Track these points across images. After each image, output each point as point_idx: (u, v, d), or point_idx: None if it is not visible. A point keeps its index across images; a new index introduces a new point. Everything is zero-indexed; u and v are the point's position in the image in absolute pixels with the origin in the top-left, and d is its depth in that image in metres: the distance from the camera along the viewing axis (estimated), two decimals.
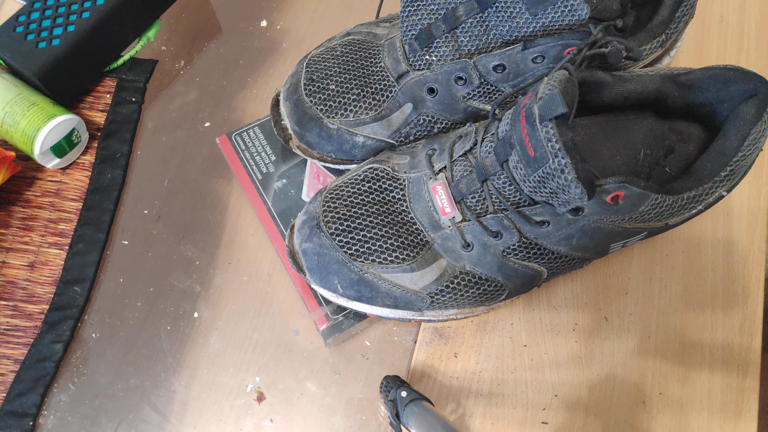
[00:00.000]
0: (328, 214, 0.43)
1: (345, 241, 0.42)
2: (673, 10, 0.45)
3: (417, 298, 0.41)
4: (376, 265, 0.41)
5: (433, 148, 0.43)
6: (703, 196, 0.39)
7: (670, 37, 0.46)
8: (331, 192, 0.44)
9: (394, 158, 0.45)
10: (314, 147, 0.48)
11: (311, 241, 0.42)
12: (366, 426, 0.44)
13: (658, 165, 0.43)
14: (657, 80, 0.41)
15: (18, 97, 0.48)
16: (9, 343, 0.45)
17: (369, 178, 0.44)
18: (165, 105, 0.55)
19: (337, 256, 0.42)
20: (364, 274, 0.41)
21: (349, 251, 0.41)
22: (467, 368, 0.45)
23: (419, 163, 0.43)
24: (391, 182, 0.43)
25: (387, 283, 0.41)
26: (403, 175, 0.43)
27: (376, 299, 0.42)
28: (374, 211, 0.42)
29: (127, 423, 0.44)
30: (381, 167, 0.44)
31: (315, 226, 0.43)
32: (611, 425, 0.43)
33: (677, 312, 0.47)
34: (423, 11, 0.43)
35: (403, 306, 0.42)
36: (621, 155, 0.42)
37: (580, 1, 0.40)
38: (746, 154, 0.38)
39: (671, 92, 0.41)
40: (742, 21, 0.58)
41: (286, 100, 0.48)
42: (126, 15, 0.52)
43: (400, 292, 0.41)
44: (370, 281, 0.41)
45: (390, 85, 0.45)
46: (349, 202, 0.43)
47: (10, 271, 0.48)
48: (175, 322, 0.47)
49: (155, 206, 0.51)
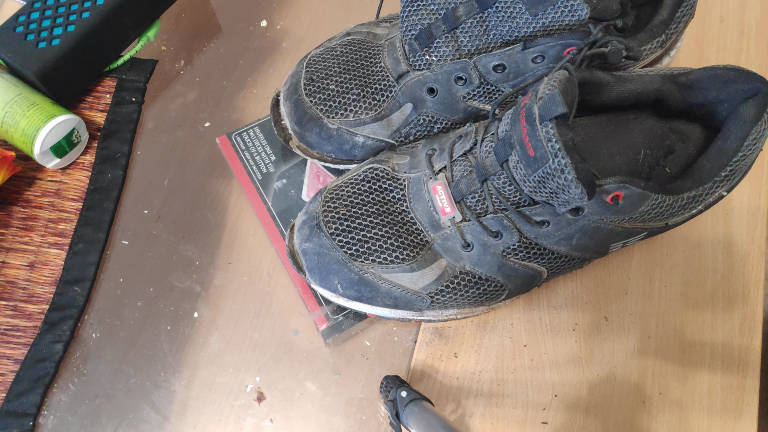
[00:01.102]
0: (328, 214, 0.43)
1: (345, 241, 0.42)
2: (673, 11, 0.45)
3: (417, 298, 0.41)
4: (376, 265, 0.41)
5: (433, 148, 0.43)
6: (703, 196, 0.39)
7: (670, 38, 0.46)
8: (331, 192, 0.44)
9: (394, 158, 0.44)
10: (314, 147, 0.48)
11: (311, 241, 0.42)
12: (366, 426, 0.44)
13: (658, 165, 0.43)
14: (657, 80, 0.41)
15: (18, 97, 0.48)
16: (9, 343, 0.45)
17: (369, 178, 0.44)
18: (165, 105, 0.55)
19: (337, 256, 0.42)
20: (364, 274, 0.41)
21: (349, 251, 0.41)
22: (467, 368, 0.45)
23: (419, 163, 0.43)
24: (391, 182, 0.43)
25: (387, 283, 0.41)
26: (403, 175, 0.43)
27: (376, 299, 0.42)
28: (374, 211, 0.42)
29: (127, 423, 0.44)
30: (381, 167, 0.44)
31: (315, 226, 0.43)
32: (611, 425, 0.43)
33: (677, 312, 0.47)
34: (423, 11, 0.43)
35: (403, 306, 0.42)
36: (621, 155, 0.42)
37: (580, 1, 0.40)
38: (746, 154, 0.38)
39: (671, 92, 0.41)
40: (742, 21, 0.58)
41: (286, 100, 0.48)
42: (126, 15, 0.52)
43: (400, 292, 0.41)
44: (370, 281, 0.41)
45: (390, 85, 0.45)
46: (349, 202, 0.43)
47: (10, 271, 0.48)
48: (175, 322, 0.47)
49: (155, 206, 0.51)
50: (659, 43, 0.46)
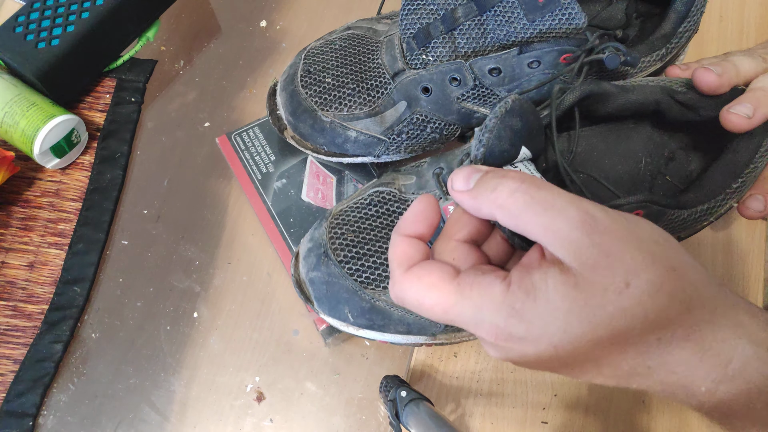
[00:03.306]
0: (336, 240, 0.41)
1: (355, 268, 0.40)
2: (677, 25, 0.45)
3: (430, 323, 0.40)
4: (388, 292, 0.40)
5: (441, 167, 0.42)
6: (715, 208, 0.39)
7: (670, 52, 0.46)
8: (337, 218, 0.42)
9: (399, 179, 0.43)
10: (307, 138, 0.47)
11: (319, 269, 0.41)
12: (366, 426, 0.44)
13: (659, 173, 0.42)
14: (657, 91, 0.40)
15: (18, 97, 0.48)
16: (9, 343, 0.45)
17: (375, 201, 0.42)
18: (165, 105, 0.55)
19: (347, 285, 0.40)
20: (376, 302, 0.40)
21: (359, 279, 0.40)
22: (467, 368, 0.45)
23: (427, 183, 0.42)
24: (398, 204, 0.42)
25: (400, 309, 0.40)
26: (411, 197, 0.42)
27: (389, 326, 0.40)
28: (384, 236, 0.41)
29: (126, 423, 0.44)
30: (387, 190, 0.42)
31: (322, 254, 0.41)
32: (611, 424, 0.43)
33: None
34: (422, 10, 0.43)
35: (417, 332, 0.40)
36: (622, 164, 0.42)
37: (578, 9, 0.39)
38: (758, 165, 0.38)
39: (670, 105, 0.40)
40: (742, 20, 0.58)
41: (282, 90, 0.48)
42: (126, 15, 0.52)
43: (413, 318, 0.40)
44: (382, 309, 0.40)
45: (386, 82, 0.45)
46: (356, 228, 0.41)
47: (9, 271, 0.48)
48: (174, 322, 0.47)
49: (155, 206, 0.51)
50: (659, 56, 0.45)
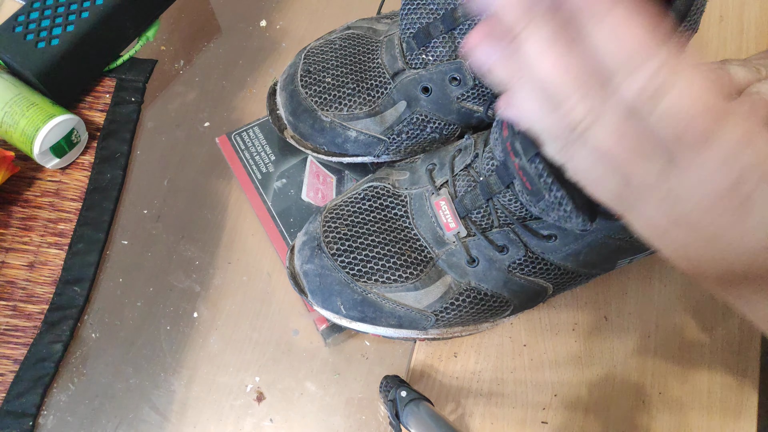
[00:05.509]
0: (329, 234, 0.42)
1: (347, 261, 0.41)
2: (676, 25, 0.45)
3: (421, 317, 0.40)
4: (380, 284, 0.40)
5: (433, 163, 0.42)
6: None
7: None
8: (331, 212, 0.43)
9: (393, 174, 0.44)
10: (307, 138, 0.47)
11: (312, 262, 0.41)
12: (366, 426, 0.44)
13: None
14: None
15: (17, 97, 0.48)
16: (8, 343, 0.45)
17: (369, 196, 0.43)
18: (165, 105, 0.55)
19: (339, 277, 0.41)
20: (368, 294, 0.40)
21: (351, 272, 0.40)
22: (467, 368, 0.45)
23: (420, 178, 0.42)
24: (392, 199, 0.42)
25: (391, 302, 0.40)
26: (404, 192, 0.42)
27: (380, 319, 0.41)
28: (376, 230, 0.41)
29: (126, 423, 0.44)
30: (381, 185, 0.43)
31: (316, 247, 0.42)
32: (611, 425, 0.43)
33: (677, 312, 0.47)
34: (422, 10, 0.43)
35: (408, 325, 0.41)
36: None
37: None
38: None
39: None
40: (741, 20, 0.58)
41: (282, 90, 0.48)
42: (125, 15, 0.52)
43: (404, 312, 0.40)
44: (373, 301, 0.40)
45: (385, 82, 0.45)
46: (350, 222, 0.42)
47: (9, 271, 0.48)
48: (174, 322, 0.47)
49: (155, 206, 0.51)
50: None
